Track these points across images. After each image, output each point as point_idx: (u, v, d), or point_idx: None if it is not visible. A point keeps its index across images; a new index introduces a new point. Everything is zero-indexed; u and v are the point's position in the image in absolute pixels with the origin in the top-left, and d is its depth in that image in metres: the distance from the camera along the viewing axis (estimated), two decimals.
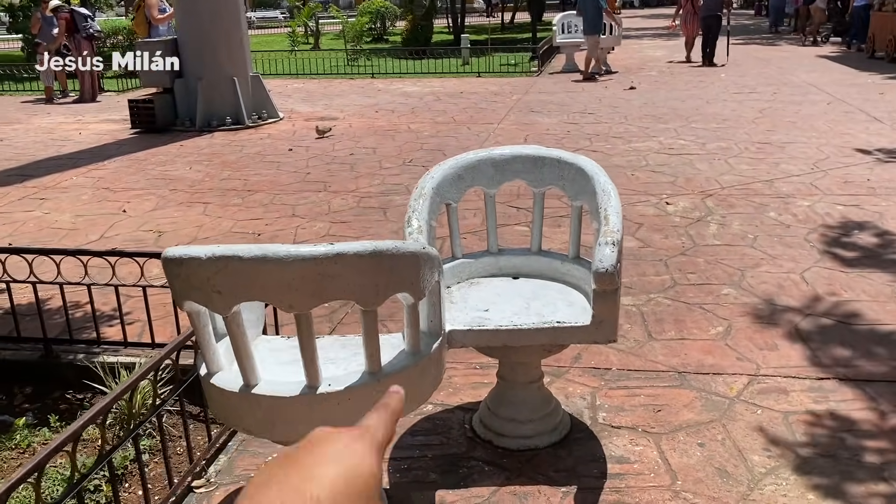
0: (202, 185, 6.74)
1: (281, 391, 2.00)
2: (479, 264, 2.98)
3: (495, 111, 10.36)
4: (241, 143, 8.61)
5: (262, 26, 30.92)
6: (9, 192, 6.71)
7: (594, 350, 3.49)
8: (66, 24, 11.96)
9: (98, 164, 7.72)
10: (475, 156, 2.96)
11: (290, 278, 1.82)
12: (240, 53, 9.62)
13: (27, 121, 10.77)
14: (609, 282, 2.37)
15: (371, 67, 16.32)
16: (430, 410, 3.07)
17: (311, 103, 11.52)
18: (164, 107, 9.50)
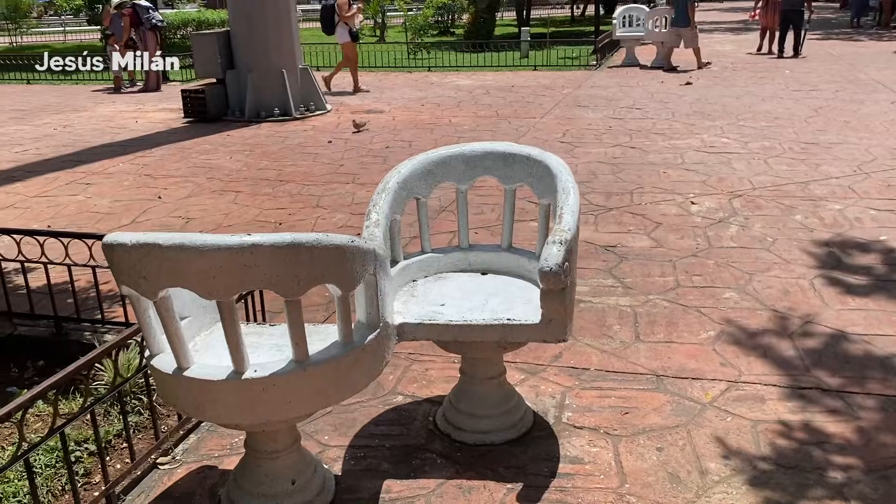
0: (238, 175, 6.95)
1: (209, 375, 2.08)
2: (449, 259, 3.00)
3: (541, 105, 10.29)
4: (285, 135, 8.83)
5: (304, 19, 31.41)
6: (59, 177, 7.08)
7: (576, 349, 3.47)
8: (130, 18, 12.50)
9: (146, 152, 8.06)
10: (446, 151, 2.98)
11: (208, 267, 1.90)
12: (289, 46, 9.84)
13: (92, 109, 11.30)
14: (554, 281, 2.36)
15: (429, 61, 16.41)
16: (399, 402, 3.12)
17: (361, 96, 11.69)
18: (216, 97, 9.81)
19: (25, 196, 6.46)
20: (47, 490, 2.69)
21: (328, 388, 2.17)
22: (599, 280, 4.25)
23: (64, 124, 9.94)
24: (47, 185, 6.78)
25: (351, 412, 3.04)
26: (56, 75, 15.12)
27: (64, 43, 25.91)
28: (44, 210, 6.01)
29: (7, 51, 21.17)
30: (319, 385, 2.15)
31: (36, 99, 12.58)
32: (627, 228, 5.10)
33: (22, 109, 11.41)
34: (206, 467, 2.74)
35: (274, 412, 2.14)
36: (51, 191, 6.60)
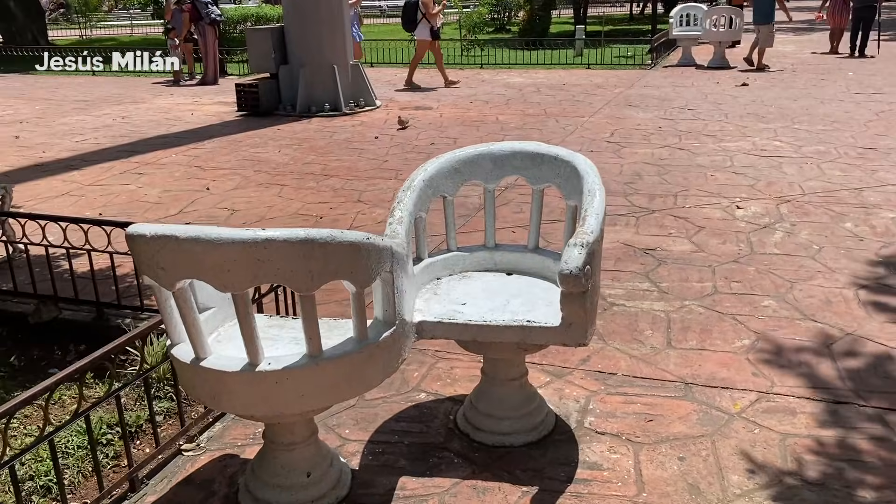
0: (285, 168, 7.06)
1: (224, 366, 2.12)
2: (474, 258, 3.00)
3: (591, 104, 10.17)
4: (333, 130, 8.93)
5: (394, 14, 31.60)
6: (114, 167, 7.31)
7: (605, 354, 3.42)
8: (190, 13, 12.81)
9: (198, 144, 8.25)
10: (474, 150, 2.96)
11: (222, 260, 1.93)
12: (341, 43, 9.94)
13: (150, 101, 11.62)
14: (574, 284, 2.33)
15: (482, 58, 16.37)
16: (422, 399, 3.12)
17: (412, 93, 11.73)
18: (269, 92, 9.98)
19: (81, 184, 6.68)
20: (77, 470, 2.78)
21: (341, 382, 2.19)
22: (635, 283, 4.18)
23: (123, 115, 10.25)
24: (102, 174, 7.00)
25: (373, 407, 3.06)
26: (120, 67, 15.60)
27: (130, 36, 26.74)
28: (97, 198, 6.21)
29: (76, 43, 21.92)
30: (332, 380, 2.17)
31: (99, 90, 13.00)
32: (668, 231, 5.01)
33: (85, 100, 11.81)
34: (229, 455, 2.79)
35: (287, 405, 2.17)
36: (105, 180, 6.82)
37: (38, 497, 2.66)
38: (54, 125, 9.66)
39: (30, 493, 2.67)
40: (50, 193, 6.42)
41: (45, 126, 9.61)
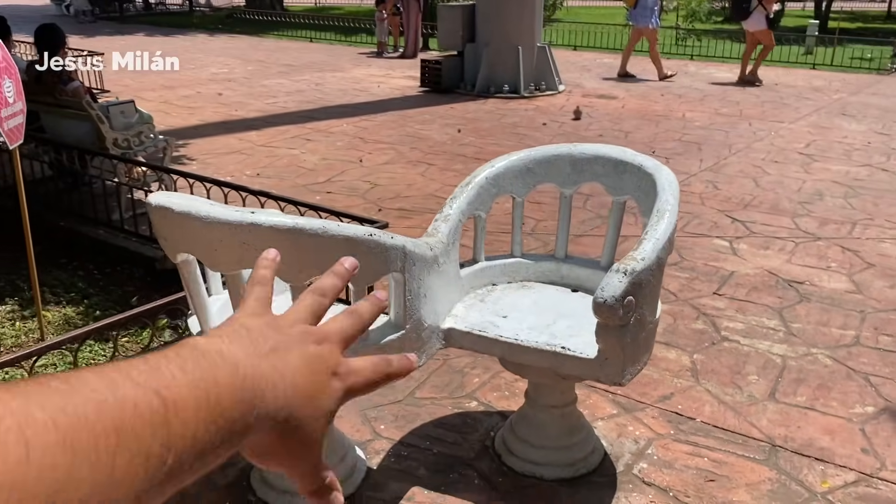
0: (440, 148, 7.06)
1: None
2: (539, 268, 2.74)
3: (797, 109, 9.13)
4: (504, 112, 8.78)
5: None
6: (288, 130, 7.72)
7: (692, 394, 3.02)
8: None
9: (371, 116, 8.48)
10: (553, 150, 2.70)
11: (211, 238, 1.89)
12: (529, 23, 9.73)
13: (348, 70, 12.17)
14: (608, 315, 2.04)
15: (695, 49, 15.32)
16: (472, 407, 2.95)
17: (602, 80, 11.25)
18: (452, 69, 10.03)
19: (253, 144, 7.13)
20: None
21: None
22: (762, 319, 3.66)
23: (317, 82, 10.82)
24: (275, 137, 7.42)
25: (418, 406, 2.94)
26: (334, 35, 16.52)
27: (359, 6, 28.23)
28: (261, 159, 6.59)
29: (308, 10, 23.53)
30: None
31: (308, 56, 13.84)
32: (828, 264, 4.34)
33: (292, 65, 12.63)
34: None
35: None
36: (275, 142, 7.22)
37: None
38: (255, 86, 10.42)
39: None
40: (225, 150, 6.91)
41: (248, 86, 10.40)
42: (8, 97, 3.00)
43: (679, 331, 3.54)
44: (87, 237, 4.63)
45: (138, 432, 0.36)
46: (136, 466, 0.35)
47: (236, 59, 13.17)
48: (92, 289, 4.06)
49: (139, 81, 10.60)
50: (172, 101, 9.27)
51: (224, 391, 0.41)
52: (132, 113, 5.04)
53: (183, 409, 0.38)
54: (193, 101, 9.23)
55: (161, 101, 9.23)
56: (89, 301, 3.86)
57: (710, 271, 4.23)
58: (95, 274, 4.29)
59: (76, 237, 4.69)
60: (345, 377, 0.49)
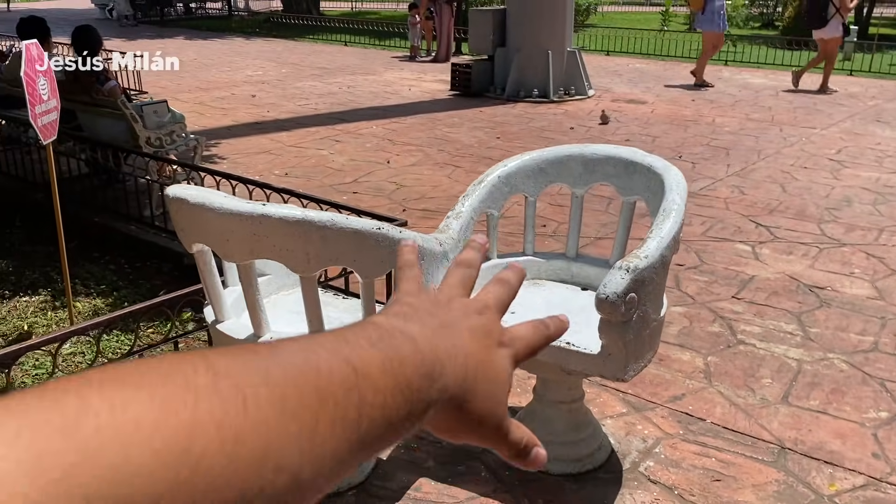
0: (466, 150, 7.11)
1: (232, 332, 2.18)
2: (550, 266, 2.78)
3: (830, 115, 9.01)
4: (533, 116, 8.81)
5: (631, 2, 30.41)
6: (318, 132, 7.84)
7: (703, 395, 3.03)
8: None
9: (400, 118, 8.58)
10: (564, 150, 2.74)
11: (223, 229, 1.97)
12: (560, 28, 9.74)
13: (380, 73, 12.29)
14: (610, 310, 2.07)
15: (730, 54, 15.16)
16: None
17: (633, 84, 11.21)
18: (482, 73, 10.09)
19: (283, 144, 7.26)
20: None
21: None
22: (780, 323, 3.64)
23: (349, 85, 10.95)
24: (305, 138, 7.55)
25: None
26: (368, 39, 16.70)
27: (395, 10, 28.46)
28: (290, 159, 6.71)
29: (343, 14, 23.80)
30: None
31: (342, 60, 14.01)
32: (851, 270, 4.29)
33: (326, 68, 12.80)
34: None
35: None
36: (305, 143, 7.34)
37: None
38: (288, 88, 10.58)
39: None
40: (255, 149, 7.05)
41: (281, 88, 10.57)
42: (43, 95, 3.13)
43: (694, 333, 3.54)
44: (119, 232, 4.78)
45: (335, 395, 0.37)
46: (336, 428, 0.36)
47: (271, 62, 13.39)
48: (122, 282, 4.19)
49: (176, 83, 10.85)
50: (207, 102, 9.47)
51: (408, 365, 0.42)
52: (165, 113, 5.18)
53: (372, 377, 0.39)
54: (227, 103, 9.42)
55: (196, 102, 9.44)
56: (118, 293, 3.98)
57: (731, 275, 4.22)
58: (126, 268, 4.42)
59: (109, 233, 4.84)
60: (510, 343, 0.51)
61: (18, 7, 25.92)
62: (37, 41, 3.16)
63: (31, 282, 4.14)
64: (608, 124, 8.28)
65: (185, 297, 2.68)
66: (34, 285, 4.08)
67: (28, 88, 2.99)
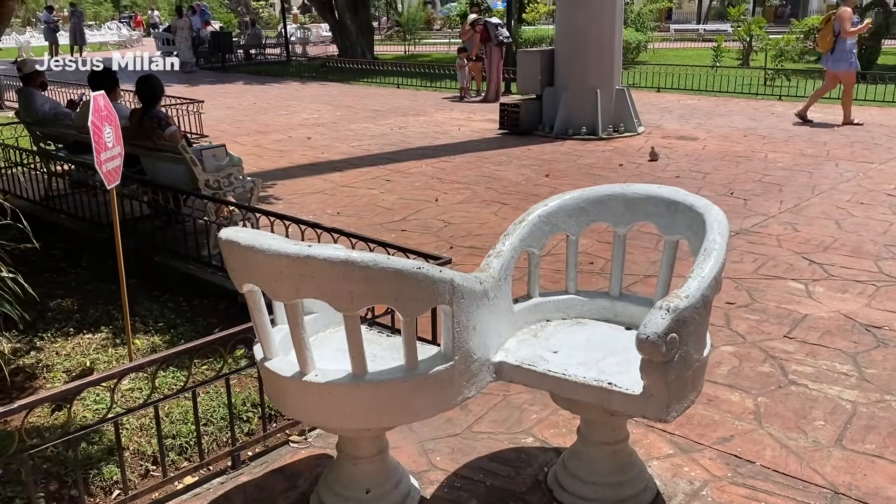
0: (514, 188, 7.17)
1: (280, 370, 2.25)
2: (593, 305, 2.79)
3: (890, 149, 8.79)
4: (581, 154, 8.83)
5: (683, 39, 30.25)
6: (370, 171, 8.02)
7: (753, 437, 2.97)
8: (481, 34, 13.61)
9: (449, 157, 8.71)
10: (605, 190, 2.76)
11: (271, 270, 2.06)
12: (608, 67, 9.80)
13: (431, 114, 12.51)
14: (650, 351, 2.07)
15: (783, 89, 14.95)
16: (527, 443, 2.99)
17: (684, 121, 11.14)
18: (530, 112, 10.19)
19: (336, 185, 7.44)
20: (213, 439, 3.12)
21: (383, 408, 2.19)
22: (833, 363, 3.55)
23: (400, 126, 11.18)
24: (357, 178, 7.72)
25: (475, 440, 3.00)
26: (420, 81, 17.01)
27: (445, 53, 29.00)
28: (342, 199, 6.87)
29: (397, 58, 24.34)
30: (373, 403, 2.18)
31: (394, 101, 14.32)
32: None
33: (378, 110, 13.09)
34: (326, 456, 2.94)
35: (331, 419, 2.24)
36: (357, 182, 7.51)
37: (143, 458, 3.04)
38: (342, 130, 10.86)
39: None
40: (309, 190, 7.25)
41: (335, 130, 10.85)
42: (108, 142, 3.31)
43: (744, 373, 3.48)
44: (177, 271, 4.96)
45: None
46: None
47: (326, 105, 13.76)
48: (179, 319, 4.33)
49: (235, 127, 11.25)
50: (264, 144, 9.78)
51: None
52: (223, 156, 5.39)
53: None
54: (284, 145, 9.71)
55: (254, 144, 9.76)
56: (175, 331, 4.13)
57: (782, 314, 4.14)
58: (184, 306, 4.58)
59: (168, 271, 5.02)
60: None
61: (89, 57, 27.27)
62: (104, 92, 3.35)
63: (95, 319, 4.32)
64: (658, 161, 8.24)
65: (237, 335, 2.77)
66: (97, 323, 4.26)
67: (94, 136, 3.18)
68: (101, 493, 2.74)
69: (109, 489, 2.75)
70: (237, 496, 2.70)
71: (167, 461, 2.78)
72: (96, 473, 2.81)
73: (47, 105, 6.53)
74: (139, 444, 3.01)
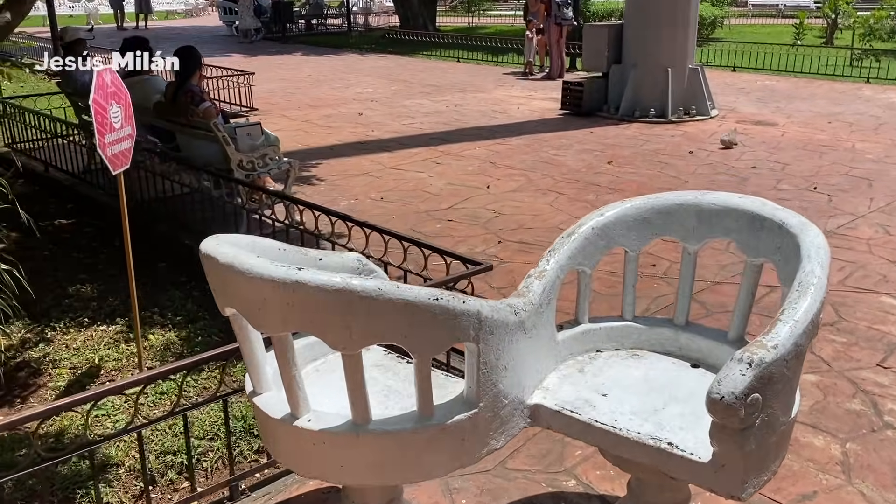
0: (572, 176, 6.66)
1: (269, 408, 1.88)
2: (653, 334, 2.34)
3: None
4: (648, 138, 8.23)
5: (762, 14, 28.55)
6: (420, 153, 7.61)
7: (840, 494, 2.49)
8: (545, 7, 13.00)
9: (505, 140, 8.22)
10: (675, 198, 2.29)
11: (253, 296, 1.68)
12: (682, 43, 9.12)
13: (490, 91, 11.99)
14: (725, 415, 1.63)
15: (875, 70, 13.85)
16: (569, 487, 2.58)
17: (761, 104, 10.36)
18: (594, 91, 9.59)
19: (384, 166, 7.06)
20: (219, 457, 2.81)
21: (388, 463, 1.81)
22: None
23: (457, 103, 10.71)
24: (405, 159, 7.33)
25: (508, 480, 2.60)
26: (481, 55, 16.46)
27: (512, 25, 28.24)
28: (387, 182, 6.49)
29: (458, 30, 23.74)
30: (376, 458, 1.80)
31: (452, 76, 13.83)
32: None
33: (436, 85, 12.63)
34: (335, 489, 2.58)
35: (326, 472, 1.87)
36: (405, 164, 7.12)
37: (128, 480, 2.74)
38: (395, 106, 10.46)
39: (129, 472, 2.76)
40: (354, 171, 6.89)
41: (388, 106, 10.46)
42: (115, 123, 2.99)
43: (829, 410, 2.98)
44: None
45: None
46: None
47: (382, 79, 13.38)
48: (202, 311, 4.04)
49: (286, 100, 10.98)
50: (314, 120, 9.46)
51: None
52: (258, 135, 5.06)
53: None
54: (333, 121, 9.37)
55: (303, 119, 9.46)
56: (194, 326, 3.83)
57: (875, 336, 3.59)
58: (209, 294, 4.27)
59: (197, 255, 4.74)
60: None
61: (155, 25, 27.50)
62: (111, 68, 3.03)
63: (112, 309, 4.06)
64: (732, 149, 7.59)
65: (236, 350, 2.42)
66: (113, 314, 4.00)
67: (97, 117, 2.86)
68: None
69: None
70: None
71: (165, 480, 2.48)
72: (84, 494, 2.53)
73: (87, 75, 6.31)
74: (136, 459, 2.71)
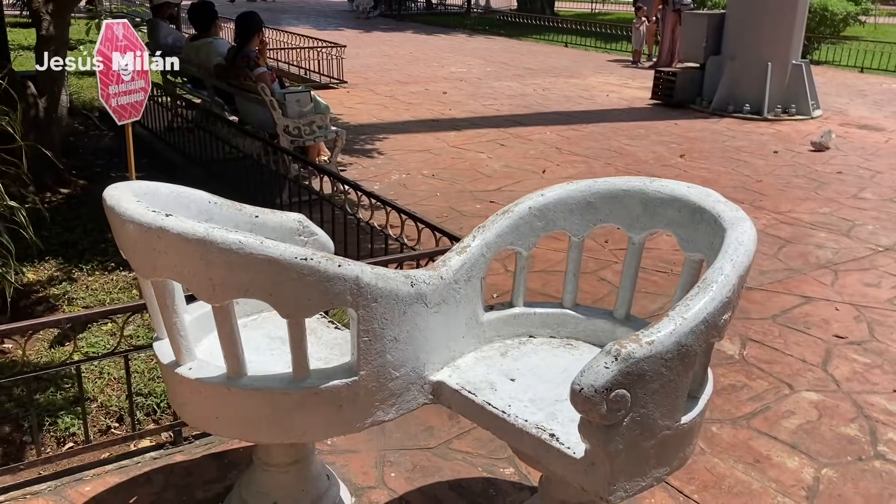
0: (636, 167, 6.40)
1: (162, 354, 1.92)
2: (591, 326, 2.22)
3: None
4: (735, 135, 7.77)
5: None
6: (488, 133, 7.52)
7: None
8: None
9: (580, 126, 7.99)
10: (622, 183, 2.15)
11: (127, 239, 1.72)
12: (786, 36, 8.52)
13: (585, 77, 11.68)
14: (584, 406, 1.52)
15: None
16: (505, 475, 2.49)
17: (875, 108, 9.53)
18: (687, 82, 9.15)
19: (446, 144, 7.04)
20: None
21: (258, 420, 1.80)
22: None
23: (545, 87, 10.50)
24: (470, 139, 7.27)
25: (447, 459, 2.55)
26: (592, 41, 16.05)
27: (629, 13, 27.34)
28: (444, 160, 6.46)
29: (577, 15, 23.23)
30: (246, 413, 1.80)
31: (553, 61, 13.56)
32: None
33: (531, 69, 12.43)
34: None
35: (203, 422, 1.89)
36: (468, 144, 7.06)
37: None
38: (483, 87, 10.38)
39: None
40: (417, 147, 6.90)
41: (476, 87, 10.39)
42: (123, 75, 3.11)
43: (818, 432, 2.73)
44: None
45: None
46: None
47: (480, 60, 13.31)
48: None
49: (379, 75, 11.13)
50: (398, 95, 9.54)
51: None
52: (307, 102, 5.16)
53: None
54: (416, 98, 9.42)
55: (387, 94, 9.56)
56: None
57: None
58: None
59: None
60: None
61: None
62: (126, 21, 3.16)
63: None
64: (823, 152, 7.05)
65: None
66: None
67: (102, 67, 2.98)
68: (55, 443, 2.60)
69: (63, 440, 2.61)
70: (158, 478, 2.44)
71: (135, 419, 2.60)
72: (52, 423, 2.68)
73: (171, 37, 6.62)
74: (111, 396, 2.85)
